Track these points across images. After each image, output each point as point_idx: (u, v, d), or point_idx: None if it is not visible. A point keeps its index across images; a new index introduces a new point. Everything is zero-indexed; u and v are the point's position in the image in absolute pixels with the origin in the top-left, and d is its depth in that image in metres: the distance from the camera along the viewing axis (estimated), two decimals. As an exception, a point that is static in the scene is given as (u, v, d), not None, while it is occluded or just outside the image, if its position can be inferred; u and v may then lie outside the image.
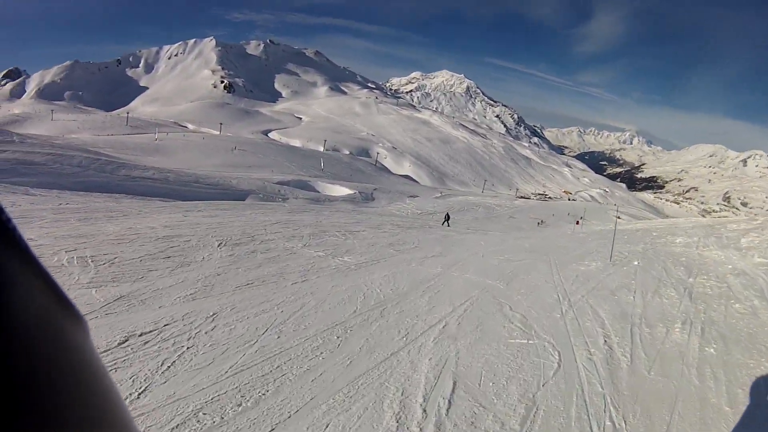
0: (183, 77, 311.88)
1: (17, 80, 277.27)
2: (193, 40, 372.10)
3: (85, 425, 0.39)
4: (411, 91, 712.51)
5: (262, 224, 13.58)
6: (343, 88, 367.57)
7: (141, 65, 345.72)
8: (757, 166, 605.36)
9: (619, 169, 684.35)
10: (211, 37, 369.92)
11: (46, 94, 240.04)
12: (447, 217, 31.54)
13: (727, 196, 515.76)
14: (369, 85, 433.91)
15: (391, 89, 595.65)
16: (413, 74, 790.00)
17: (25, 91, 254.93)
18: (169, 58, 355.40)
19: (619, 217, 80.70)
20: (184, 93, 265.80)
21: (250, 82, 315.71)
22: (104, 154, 31.67)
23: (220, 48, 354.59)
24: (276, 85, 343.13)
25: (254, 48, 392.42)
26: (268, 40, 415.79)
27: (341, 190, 46.45)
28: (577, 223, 60.50)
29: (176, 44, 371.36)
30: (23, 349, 0.33)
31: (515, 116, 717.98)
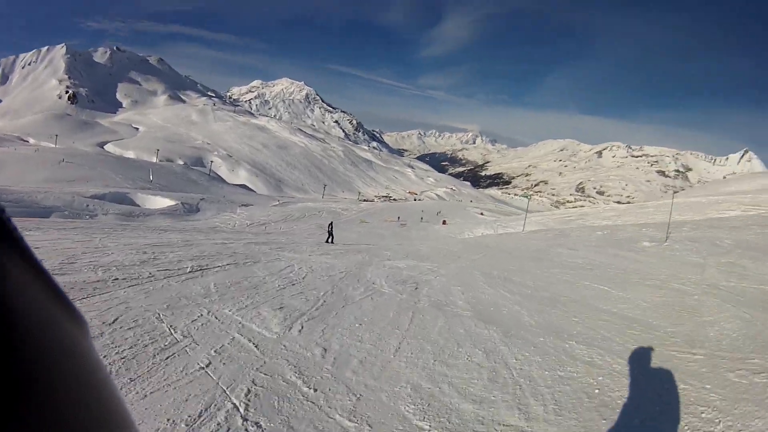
0: (32, 88, 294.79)
1: None
2: (45, 48, 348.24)
3: (86, 426, 0.39)
4: (251, 99, 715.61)
5: None
6: (182, 96, 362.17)
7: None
8: (614, 156, 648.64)
9: (462, 169, 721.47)
10: (63, 44, 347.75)
11: None
12: (330, 230, 24.87)
13: (580, 186, 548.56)
14: (209, 93, 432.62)
15: (231, 98, 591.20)
16: (254, 83, 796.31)
17: None
18: (23, 68, 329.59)
19: (482, 213, 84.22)
20: (32, 105, 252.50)
21: (93, 91, 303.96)
22: None
23: (69, 56, 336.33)
24: (118, 95, 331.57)
25: (101, 56, 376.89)
26: (115, 47, 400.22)
27: (162, 202, 43.17)
28: (444, 223, 59.35)
29: (30, 52, 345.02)
30: (24, 350, 0.33)
31: (354, 122, 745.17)
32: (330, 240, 23.45)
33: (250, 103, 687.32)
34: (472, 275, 12.22)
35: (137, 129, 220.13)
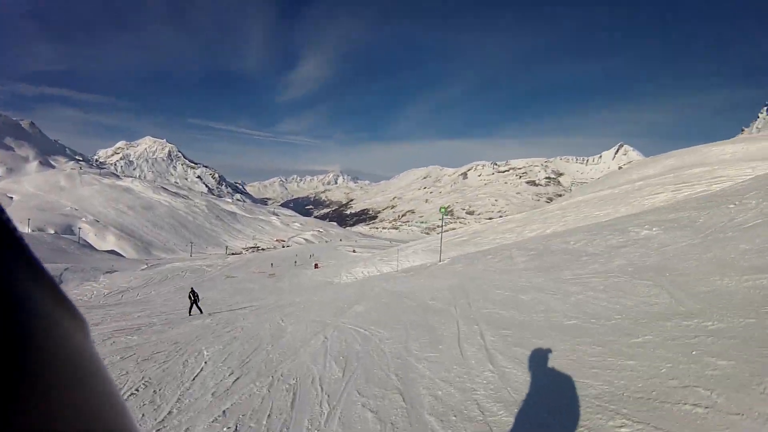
0: None
1: None
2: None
3: (86, 425, 0.39)
4: (116, 161, 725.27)
5: None
6: (52, 161, 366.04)
7: None
8: (479, 176, 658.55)
9: (326, 210, 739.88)
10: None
11: None
12: (194, 297, 20.28)
13: (449, 210, 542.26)
14: (77, 157, 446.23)
15: (97, 161, 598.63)
16: (119, 143, 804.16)
17: None
18: None
19: (354, 251, 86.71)
20: None
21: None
22: None
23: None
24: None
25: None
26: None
27: (25, 279, 42.04)
28: (316, 266, 58.50)
29: None
30: (25, 350, 0.33)
31: (216, 175, 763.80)
32: (197, 310, 19.95)
33: (116, 165, 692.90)
34: None
35: (12, 198, 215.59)
